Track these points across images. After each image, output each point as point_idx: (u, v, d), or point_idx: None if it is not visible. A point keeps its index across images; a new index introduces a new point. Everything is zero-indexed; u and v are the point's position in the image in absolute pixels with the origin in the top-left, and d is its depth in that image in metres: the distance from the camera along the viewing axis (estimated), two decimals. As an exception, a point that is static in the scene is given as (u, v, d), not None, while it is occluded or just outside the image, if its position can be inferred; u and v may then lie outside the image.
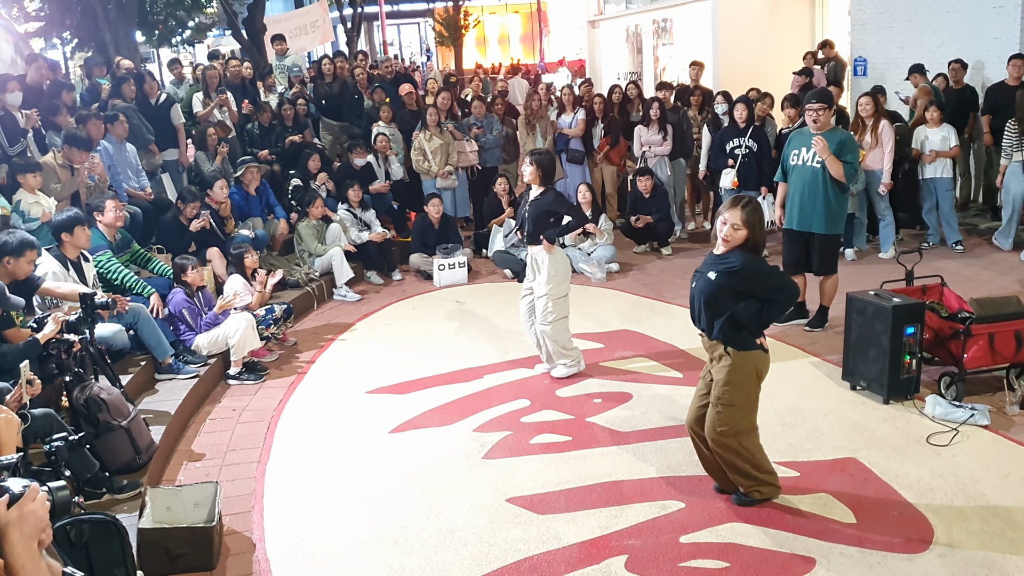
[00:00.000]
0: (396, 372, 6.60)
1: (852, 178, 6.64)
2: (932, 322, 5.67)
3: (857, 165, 6.59)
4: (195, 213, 7.72)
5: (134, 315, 6.08)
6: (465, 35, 33.93)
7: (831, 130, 6.66)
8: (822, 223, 6.71)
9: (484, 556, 4.15)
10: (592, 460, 5.05)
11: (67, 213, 6.03)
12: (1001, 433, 5.12)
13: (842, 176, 6.54)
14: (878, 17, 12.61)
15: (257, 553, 4.30)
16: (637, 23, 20.64)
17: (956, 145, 8.86)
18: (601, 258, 9.03)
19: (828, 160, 6.51)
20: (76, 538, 3.54)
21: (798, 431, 5.28)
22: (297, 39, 15.07)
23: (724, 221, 4.19)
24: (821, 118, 6.58)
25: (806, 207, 6.75)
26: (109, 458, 4.67)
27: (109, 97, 9.15)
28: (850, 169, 6.58)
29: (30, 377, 4.14)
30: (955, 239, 9.05)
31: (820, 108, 6.56)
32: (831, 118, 6.72)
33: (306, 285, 8.46)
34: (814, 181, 6.66)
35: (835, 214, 6.73)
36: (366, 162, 9.96)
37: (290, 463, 5.25)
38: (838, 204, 6.71)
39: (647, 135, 9.97)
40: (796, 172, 6.82)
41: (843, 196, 6.75)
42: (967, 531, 4.16)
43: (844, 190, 6.73)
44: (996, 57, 10.28)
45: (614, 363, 6.55)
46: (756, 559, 4.03)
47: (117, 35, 13.98)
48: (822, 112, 6.56)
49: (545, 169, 6.12)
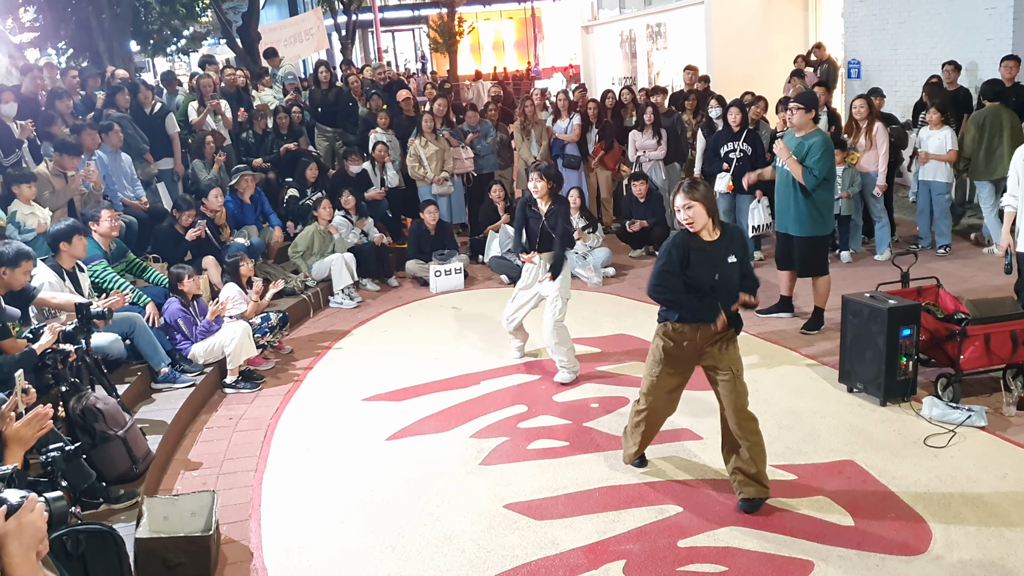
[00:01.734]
0: (393, 379, 6.59)
1: (811, 183, 6.59)
2: (928, 324, 5.68)
3: (817, 171, 6.54)
4: (190, 222, 7.71)
5: (130, 325, 6.08)
6: (460, 41, 34.00)
7: (812, 132, 6.73)
8: (795, 225, 6.80)
9: (482, 562, 4.15)
10: (590, 465, 5.04)
11: (65, 222, 6.04)
12: (998, 434, 5.12)
13: (800, 178, 6.60)
14: (871, 19, 12.66)
15: (255, 562, 4.29)
16: (631, 28, 20.70)
17: (953, 149, 8.85)
18: (597, 262, 9.04)
19: (788, 163, 6.65)
20: (73, 548, 3.53)
21: (795, 434, 5.28)
22: (292, 47, 15.10)
23: (678, 210, 4.33)
24: (794, 118, 6.69)
25: (781, 209, 6.93)
26: (106, 468, 4.66)
27: (103, 107, 9.16)
28: (807, 173, 6.57)
29: (25, 386, 4.13)
30: (943, 243, 9.00)
31: (795, 107, 6.70)
32: (810, 119, 6.76)
33: (302, 293, 8.45)
34: (785, 183, 6.82)
35: (807, 216, 6.74)
36: (361, 169, 9.97)
37: (287, 471, 5.25)
38: (809, 207, 6.71)
39: (642, 140, 10.00)
40: (779, 174, 6.97)
41: (816, 199, 6.69)
42: (965, 532, 4.16)
43: (827, 194, 6.75)
44: (989, 58, 10.32)
45: (611, 367, 6.55)
46: (754, 562, 4.02)
47: (111, 45, 14.00)
48: (795, 111, 6.68)
49: (556, 182, 6.29)
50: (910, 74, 11.71)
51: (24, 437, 3.21)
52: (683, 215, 4.32)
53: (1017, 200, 5.75)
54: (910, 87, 11.46)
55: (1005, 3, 10.23)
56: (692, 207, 4.26)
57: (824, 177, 6.63)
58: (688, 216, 4.29)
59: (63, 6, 16.37)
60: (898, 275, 6.24)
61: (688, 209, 4.27)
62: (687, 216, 4.30)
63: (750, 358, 6.53)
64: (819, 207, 6.74)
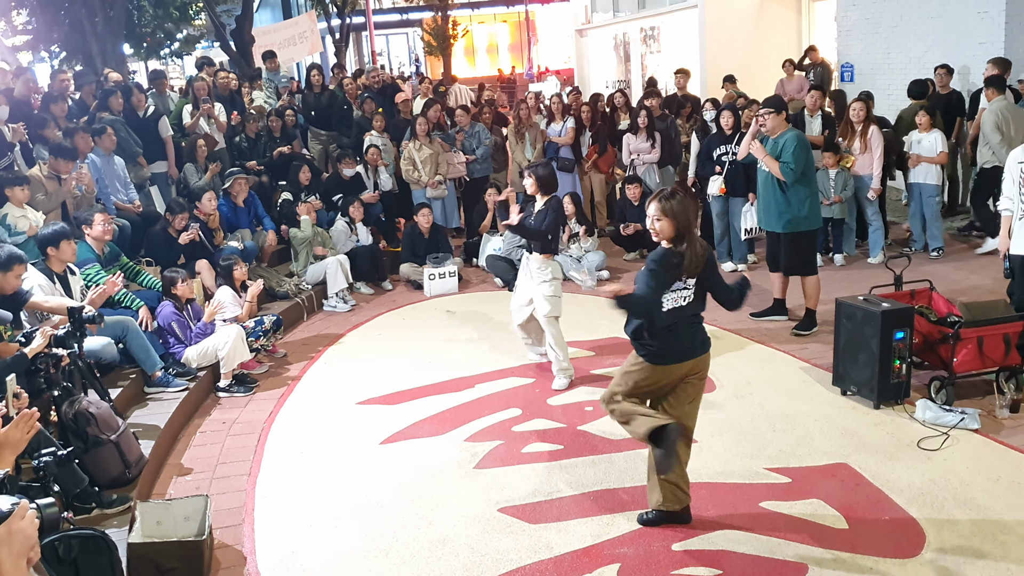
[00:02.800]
0: (387, 383, 6.58)
1: (790, 176, 6.72)
2: (921, 326, 5.69)
3: (793, 164, 6.65)
4: (184, 225, 7.69)
5: (123, 328, 6.06)
6: (454, 45, 34.03)
7: (784, 131, 6.88)
8: (776, 221, 6.94)
9: (476, 566, 4.14)
10: (584, 469, 5.04)
11: (53, 227, 6.00)
12: (991, 437, 5.13)
13: (779, 174, 6.76)
14: (864, 23, 12.70)
15: (248, 566, 4.28)
16: (625, 31, 20.75)
17: (943, 151, 8.89)
18: (591, 265, 9.04)
19: (764, 161, 6.83)
20: (65, 554, 3.52)
21: (789, 437, 5.28)
22: (286, 50, 15.10)
23: (648, 217, 4.21)
24: (768, 123, 6.87)
25: (766, 208, 7.06)
26: (98, 472, 4.64)
27: (96, 110, 9.13)
28: (784, 168, 6.72)
29: (16, 391, 4.12)
30: (935, 246, 9.03)
31: (765, 112, 6.89)
32: (782, 120, 6.93)
33: (295, 296, 8.44)
34: (765, 183, 6.99)
35: (786, 212, 6.86)
36: (355, 172, 9.97)
37: (281, 475, 5.23)
38: (788, 203, 6.84)
39: (635, 143, 10.01)
40: (759, 174, 7.14)
41: (797, 194, 6.79)
42: (958, 535, 4.17)
43: (806, 193, 6.82)
44: (981, 62, 10.34)
45: (605, 371, 6.55)
46: (748, 565, 4.03)
47: (105, 48, 13.95)
48: (767, 116, 6.86)
49: (544, 181, 6.32)
50: (903, 77, 11.71)
51: (14, 440, 3.19)
52: (650, 224, 4.17)
53: (1013, 203, 5.77)
54: (903, 90, 11.47)
55: (997, 7, 10.28)
56: (661, 220, 4.09)
57: (803, 171, 6.74)
58: (656, 228, 4.13)
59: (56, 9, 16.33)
60: (891, 278, 6.25)
61: (658, 221, 4.10)
62: (655, 226, 4.13)
63: (744, 360, 6.54)
64: (801, 202, 6.82)
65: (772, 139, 6.89)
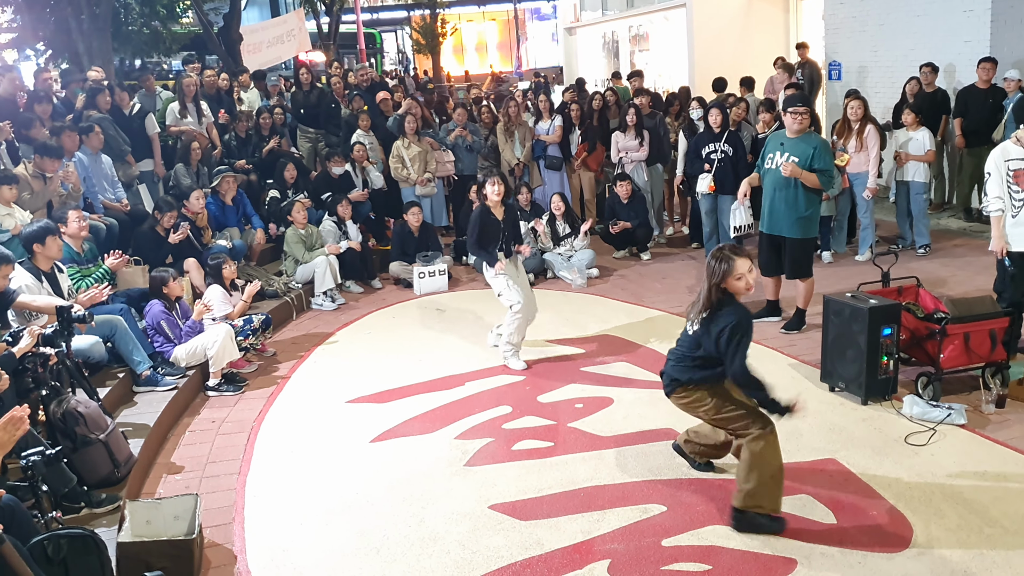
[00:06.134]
0: (377, 381, 6.58)
1: (828, 184, 6.70)
2: (908, 323, 5.73)
3: (832, 171, 6.63)
4: (172, 223, 7.66)
5: (111, 327, 6.03)
6: (443, 43, 34.02)
7: (806, 134, 6.74)
8: (794, 228, 6.77)
9: (467, 563, 4.15)
10: (574, 465, 5.05)
11: (37, 224, 5.97)
12: (977, 432, 5.17)
13: (818, 185, 6.64)
14: (851, 21, 12.75)
15: (238, 565, 4.27)
16: (613, 30, 20.78)
17: (931, 149, 8.93)
18: (581, 264, 9.06)
19: (803, 177, 6.61)
20: (54, 553, 3.51)
21: (777, 432, 5.29)
22: (273, 49, 15.02)
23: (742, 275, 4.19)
24: (796, 124, 6.70)
25: (777, 211, 6.82)
26: (87, 472, 4.62)
27: (83, 108, 9.08)
28: (825, 177, 6.64)
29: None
30: (922, 243, 9.07)
31: (798, 112, 6.70)
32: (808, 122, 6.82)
33: (284, 295, 8.42)
34: (787, 187, 6.72)
35: (806, 219, 6.78)
36: (344, 171, 9.95)
37: (271, 474, 5.22)
38: (809, 210, 6.76)
39: (624, 141, 10.02)
40: (769, 175, 6.87)
41: (815, 201, 6.79)
42: (945, 529, 4.20)
43: (818, 196, 6.80)
44: (967, 60, 10.43)
45: (595, 368, 6.56)
46: (738, 560, 4.05)
47: (91, 46, 13.83)
48: (801, 116, 6.69)
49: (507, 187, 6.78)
50: (890, 76, 11.80)
51: (0, 441, 3.18)
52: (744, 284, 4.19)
53: (1002, 201, 5.79)
54: (890, 89, 11.55)
55: (983, 6, 10.34)
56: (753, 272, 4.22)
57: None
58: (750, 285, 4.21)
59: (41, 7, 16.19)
60: (879, 275, 6.29)
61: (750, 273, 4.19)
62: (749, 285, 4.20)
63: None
64: (814, 209, 6.81)
65: (792, 139, 6.73)
